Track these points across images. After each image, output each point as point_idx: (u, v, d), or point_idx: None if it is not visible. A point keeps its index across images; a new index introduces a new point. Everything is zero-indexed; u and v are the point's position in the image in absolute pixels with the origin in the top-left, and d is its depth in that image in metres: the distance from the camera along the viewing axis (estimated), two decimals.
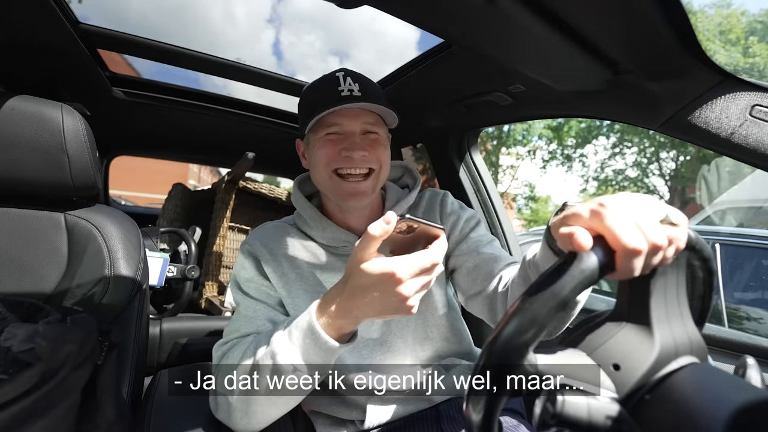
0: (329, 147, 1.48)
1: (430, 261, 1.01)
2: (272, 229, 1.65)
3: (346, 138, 1.48)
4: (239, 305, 1.51)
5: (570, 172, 39.05)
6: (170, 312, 3.09)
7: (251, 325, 1.44)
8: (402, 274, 0.99)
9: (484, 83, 2.00)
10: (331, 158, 1.47)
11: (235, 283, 1.56)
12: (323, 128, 1.48)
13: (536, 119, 2.30)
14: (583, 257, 0.70)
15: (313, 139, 1.52)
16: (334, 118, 1.47)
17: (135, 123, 3.23)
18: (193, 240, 3.34)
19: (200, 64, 2.44)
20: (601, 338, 0.76)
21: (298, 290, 1.53)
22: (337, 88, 1.46)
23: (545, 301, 0.67)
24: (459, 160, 2.75)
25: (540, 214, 36.25)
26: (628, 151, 31.23)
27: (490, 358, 0.67)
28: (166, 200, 3.96)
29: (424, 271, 1.01)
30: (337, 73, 1.50)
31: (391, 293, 1.00)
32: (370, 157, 1.49)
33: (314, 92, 1.53)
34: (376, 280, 1.00)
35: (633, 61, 1.39)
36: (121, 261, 1.64)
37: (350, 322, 1.11)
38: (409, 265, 1.00)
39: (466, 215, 1.72)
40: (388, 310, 1.04)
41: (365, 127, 1.51)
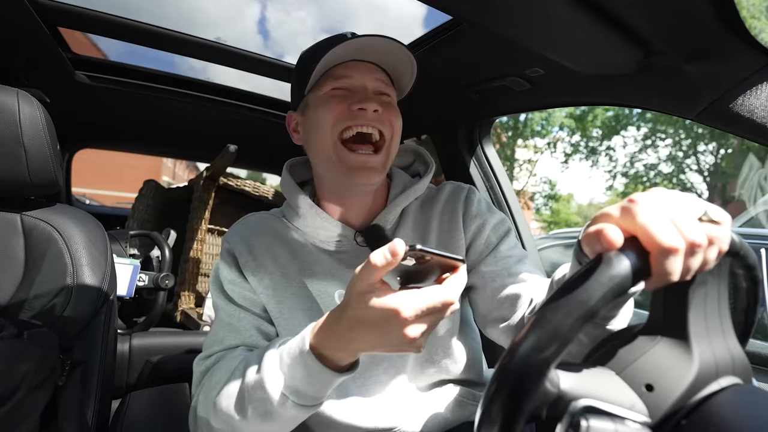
0: (336, 102, 1.40)
1: (441, 300, 0.94)
2: (255, 223, 1.58)
3: (355, 93, 1.42)
4: (221, 310, 1.48)
5: (595, 168, 38.96)
6: (141, 326, 3.09)
7: (237, 335, 1.42)
8: (407, 313, 0.92)
9: (497, 66, 2.00)
10: (340, 115, 1.39)
11: (218, 284, 1.51)
12: (328, 82, 1.42)
13: (557, 107, 2.30)
14: (613, 260, 0.69)
15: (315, 98, 1.44)
16: (342, 70, 1.41)
17: (101, 111, 3.23)
18: (167, 244, 3.34)
19: (175, 44, 2.43)
20: (632, 355, 0.76)
21: (284, 294, 1.47)
22: (343, 39, 1.37)
23: (569, 312, 0.65)
24: (469, 153, 2.75)
25: (561, 215, 36.25)
26: (661, 143, 31.31)
27: (505, 377, 0.66)
28: (136, 199, 3.97)
29: (434, 311, 0.94)
30: (346, 33, 1.44)
31: (395, 333, 0.94)
32: (383, 117, 1.42)
33: (315, 50, 1.48)
34: (378, 316, 0.94)
35: (666, 41, 1.39)
36: (85, 268, 1.64)
37: (347, 356, 1.07)
38: (416, 303, 0.93)
39: (495, 220, 1.61)
40: (390, 348, 0.99)
41: (378, 85, 1.45)
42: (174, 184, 4.37)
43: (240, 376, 1.23)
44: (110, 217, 4.42)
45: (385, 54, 1.42)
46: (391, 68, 1.48)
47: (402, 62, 1.45)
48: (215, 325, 1.48)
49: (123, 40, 2.35)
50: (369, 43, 1.38)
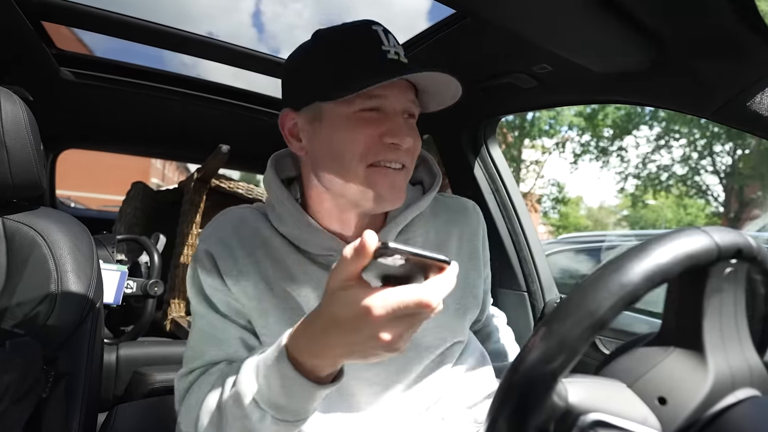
0: (365, 129, 1.27)
1: (416, 301, 0.86)
2: (234, 222, 1.46)
3: (386, 118, 1.29)
4: (201, 318, 1.40)
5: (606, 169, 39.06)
6: (129, 335, 3.08)
7: (220, 349, 1.36)
8: (378, 312, 0.86)
9: (503, 63, 2.00)
10: (370, 146, 1.27)
11: (198, 289, 1.40)
12: (359, 99, 1.25)
13: (566, 106, 2.30)
14: (623, 265, 0.69)
15: (337, 113, 1.29)
16: (376, 87, 1.22)
17: (87, 110, 3.23)
18: (156, 249, 3.34)
19: (165, 39, 2.44)
20: (644, 366, 0.76)
21: (269, 307, 1.37)
22: (380, 47, 1.27)
23: (577, 322, 0.66)
24: (474, 154, 2.75)
25: (570, 218, 36.32)
26: (675, 143, 31.31)
27: (510, 390, 0.67)
28: (123, 202, 3.97)
29: (409, 312, 0.87)
30: (373, 26, 1.31)
31: (368, 335, 0.89)
32: (412, 150, 1.33)
33: (343, 46, 1.30)
34: (350, 314, 0.89)
35: (681, 37, 1.40)
36: (70, 275, 1.63)
37: (327, 364, 1.01)
38: (389, 301, 0.86)
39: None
40: (366, 354, 0.94)
41: (410, 106, 1.33)
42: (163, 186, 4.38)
43: (218, 392, 1.20)
44: (96, 220, 4.42)
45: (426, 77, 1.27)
46: (423, 86, 1.35)
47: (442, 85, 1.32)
48: (195, 334, 1.40)
49: (110, 35, 2.35)
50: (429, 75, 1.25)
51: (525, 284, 2.65)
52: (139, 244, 3.39)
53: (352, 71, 1.23)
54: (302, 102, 1.35)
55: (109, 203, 18.38)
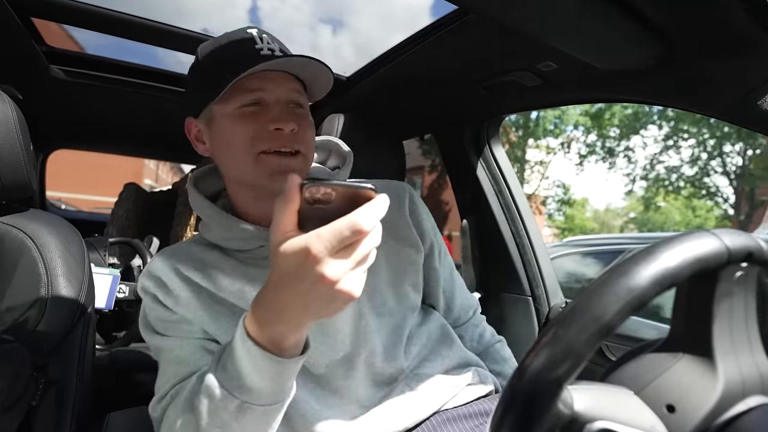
0: (249, 122, 1.38)
1: (349, 227, 0.87)
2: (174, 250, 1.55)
3: (268, 109, 1.40)
4: (162, 351, 1.42)
5: (613, 170, 39.02)
6: (121, 341, 3.08)
7: (186, 364, 1.36)
8: (316, 248, 0.87)
9: (507, 60, 2.00)
10: (257, 135, 1.38)
11: (149, 328, 1.46)
12: (239, 95, 1.38)
13: (571, 104, 2.30)
14: (631, 269, 0.69)
15: (223, 113, 1.41)
16: (253, 82, 1.37)
17: (78, 109, 3.23)
18: (149, 252, 3.34)
19: (158, 36, 2.44)
20: (651, 373, 0.76)
21: (221, 311, 1.43)
22: (253, 46, 1.39)
23: (583, 327, 0.66)
24: (476, 154, 2.75)
25: (576, 220, 36.33)
26: (683, 143, 31.30)
27: (513, 398, 0.66)
28: (116, 204, 3.97)
29: (348, 242, 0.88)
30: (248, 29, 1.44)
31: (314, 278, 0.88)
32: (299, 136, 1.41)
33: (220, 51, 1.45)
34: (294, 264, 0.90)
35: (689, 34, 1.40)
36: (60, 279, 1.63)
37: (287, 329, 1.00)
38: (324, 236, 0.87)
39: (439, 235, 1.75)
40: (321, 302, 0.92)
41: (292, 95, 1.44)
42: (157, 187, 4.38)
43: (191, 396, 1.20)
44: (88, 223, 4.41)
45: (301, 65, 1.41)
46: (305, 77, 1.47)
47: (319, 74, 1.44)
48: (161, 366, 1.42)
49: (102, 31, 2.35)
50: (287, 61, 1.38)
51: (529, 288, 2.65)
52: (131, 247, 3.38)
53: (227, 70, 1.31)
54: (196, 108, 1.50)
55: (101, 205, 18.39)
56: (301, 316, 0.97)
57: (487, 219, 2.70)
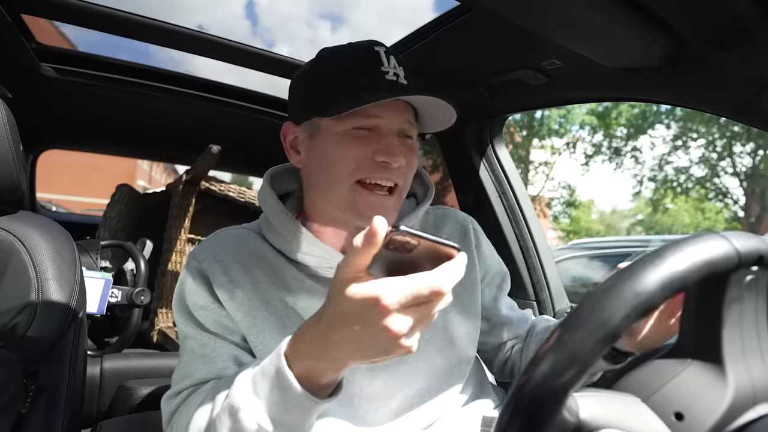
0: (358, 146, 1.37)
1: (429, 287, 0.87)
2: (229, 240, 1.53)
3: (381, 137, 1.38)
4: (190, 340, 1.42)
5: (620, 170, 39.01)
6: (113, 347, 3.08)
7: (210, 367, 1.36)
8: (389, 300, 0.87)
9: (510, 58, 2.00)
10: (361, 163, 1.36)
11: (184, 310, 1.46)
12: (353, 117, 1.35)
13: (577, 103, 2.30)
14: (638, 273, 0.69)
15: (332, 129, 1.39)
16: (372, 107, 1.33)
17: (69, 108, 3.23)
18: (142, 256, 3.34)
19: (152, 33, 2.44)
20: (659, 380, 0.76)
21: (265, 323, 1.42)
22: (379, 68, 1.37)
23: (589, 333, 0.65)
24: (479, 154, 2.75)
25: (581, 223, 36.29)
26: (692, 143, 31.26)
27: (518, 405, 0.66)
28: (108, 206, 3.96)
29: (421, 300, 0.88)
30: (376, 47, 1.41)
31: (377, 327, 0.89)
32: (405, 170, 1.42)
33: (343, 65, 1.41)
34: (358, 307, 0.89)
35: (699, 30, 1.39)
36: (51, 283, 1.63)
37: (329, 367, 1.01)
38: (400, 289, 0.87)
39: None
40: (374, 351, 0.94)
41: (406, 127, 1.43)
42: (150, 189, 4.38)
43: (209, 408, 1.20)
44: (79, 225, 4.41)
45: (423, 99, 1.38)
46: (422, 108, 1.46)
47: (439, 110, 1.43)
48: (184, 356, 1.42)
49: (94, 28, 2.35)
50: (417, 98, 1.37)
51: (533, 293, 2.65)
52: (124, 251, 3.38)
53: (350, 90, 1.33)
54: (302, 116, 1.47)
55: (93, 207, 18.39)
56: (349, 359, 0.98)
57: (490, 222, 2.69)
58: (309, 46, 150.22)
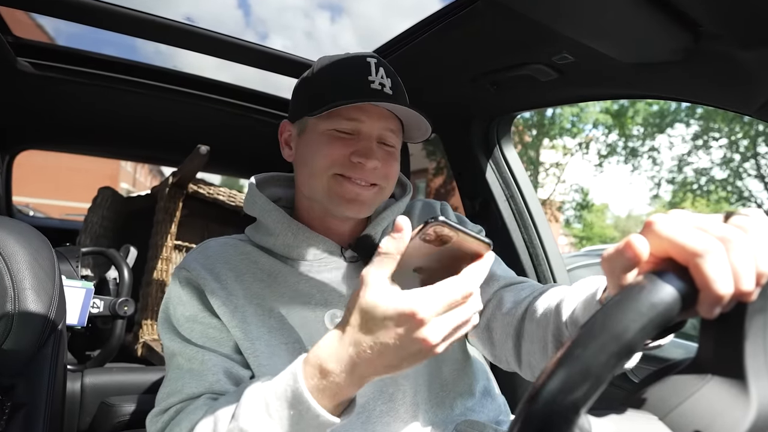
0: (338, 146, 1.51)
1: (462, 292, 0.93)
2: (217, 249, 1.60)
3: (360, 140, 1.53)
4: (178, 356, 1.46)
5: (637, 172, 39.01)
6: (95, 361, 3.07)
7: (200, 381, 1.38)
8: (426, 312, 0.91)
9: (519, 52, 2.01)
10: (336, 161, 1.51)
11: (169, 326, 1.51)
12: (336, 119, 1.51)
13: (590, 101, 2.30)
14: (654, 283, 0.68)
15: (316, 129, 1.55)
16: (354, 111, 1.51)
17: (48, 105, 3.23)
18: (125, 264, 3.33)
19: (137, 26, 2.44)
20: (678, 396, 0.76)
21: (260, 330, 1.46)
22: (366, 77, 1.52)
23: (602, 347, 0.64)
24: (485, 155, 2.75)
25: (595, 228, 36.24)
26: (714, 143, 31.22)
27: (526, 424, 0.66)
28: (89, 210, 3.96)
29: (455, 306, 0.94)
30: (368, 58, 1.56)
31: (413, 340, 0.93)
32: (381, 172, 1.54)
33: (334, 71, 1.58)
34: (392, 322, 0.93)
35: (721, 23, 1.39)
36: (28, 292, 1.62)
37: (353, 384, 1.03)
38: (436, 299, 0.92)
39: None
40: (406, 360, 0.97)
41: (386, 134, 1.56)
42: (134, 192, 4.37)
43: (209, 427, 1.20)
44: (58, 231, 4.41)
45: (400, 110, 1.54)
46: (404, 118, 1.59)
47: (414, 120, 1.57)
48: (171, 374, 1.44)
49: (74, 20, 2.34)
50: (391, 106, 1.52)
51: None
52: (106, 258, 3.37)
53: (334, 93, 1.50)
54: (296, 115, 1.64)
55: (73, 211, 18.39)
56: (378, 373, 1.01)
57: (498, 227, 2.70)
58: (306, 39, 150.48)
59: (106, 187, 4.05)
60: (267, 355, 1.42)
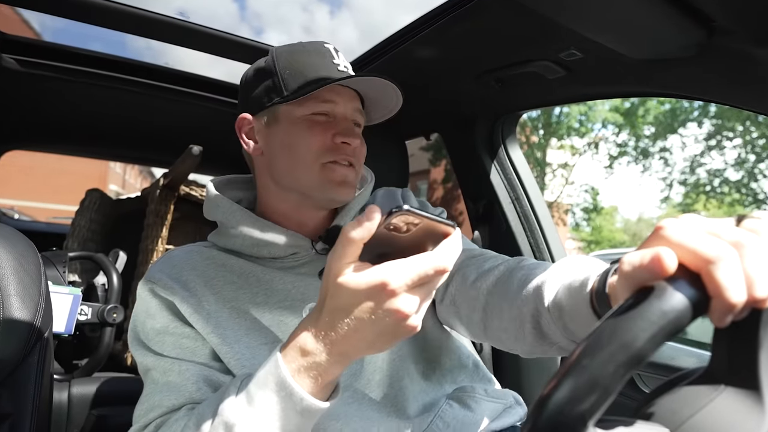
0: (319, 131, 1.57)
1: (433, 265, 0.97)
2: (182, 257, 1.64)
3: (337, 122, 1.60)
4: (152, 371, 1.47)
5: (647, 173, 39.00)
6: (83, 370, 3.07)
7: (180, 393, 1.38)
8: (396, 283, 0.95)
9: (525, 48, 2.01)
10: (323, 145, 1.56)
11: (139, 342, 1.53)
12: (312, 102, 1.57)
13: (599, 99, 2.30)
14: (664, 290, 0.68)
15: (291, 116, 1.60)
16: (327, 93, 1.58)
17: (33, 104, 3.23)
18: (115, 269, 3.32)
19: (126, 21, 2.44)
20: (689, 408, 0.76)
21: (237, 332, 1.49)
22: (332, 61, 1.63)
23: (611, 357, 0.64)
24: (489, 156, 2.75)
25: (604, 232, 36.21)
26: (728, 143, 31.20)
27: None
28: (77, 213, 3.95)
29: (427, 280, 0.98)
30: (326, 44, 1.68)
31: (385, 312, 0.97)
32: (357, 151, 1.63)
33: (299, 58, 1.63)
34: (363, 296, 0.97)
35: (734, 18, 1.40)
36: (13, 299, 1.62)
37: (335, 363, 1.06)
38: (406, 271, 0.96)
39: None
40: (384, 336, 1.01)
41: (356, 115, 1.66)
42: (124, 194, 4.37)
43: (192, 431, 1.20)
44: (45, 235, 4.41)
45: (372, 87, 1.64)
46: (369, 98, 1.71)
47: (386, 98, 1.67)
48: (147, 389, 1.46)
49: (61, 15, 2.34)
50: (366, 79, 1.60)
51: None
52: (95, 263, 3.36)
53: (308, 76, 1.57)
54: (259, 106, 1.67)
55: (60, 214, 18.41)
56: (357, 350, 1.05)
57: (502, 231, 2.70)
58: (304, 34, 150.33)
59: (94, 189, 4.05)
60: (249, 357, 1.44)
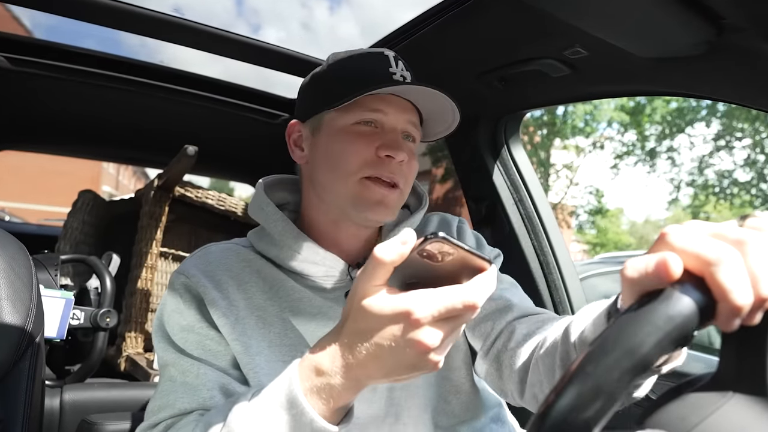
0: (362, 142, 1.50)
1: (462, 300, 0.92)
2: (219, 255, 1.60)
3: (384, 133, 1.53)
4: (170, 367, 1.45)
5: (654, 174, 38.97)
6: (75, 376, 3.06)
7: (193, 396, 1.37)
8: (421, 313, 0.91)
9: (528, 46, 2.01)
10: (366, 159, 1.50)
11: (164, 334, 1.50)
12: (358, 110, 1.51)
13: (604, 98, 2.30)
14: (670, 295, 0.68)
15: (334, 124, 1.55)
16: (375, 102, 1.51)
17: (25, 103, 3.23)
18: (108, 272, 3.32)
19: (120, 18, 2.43)
20: (697, 415, 0.75)
21: (261, 344, 1.47)
22: (387, 68, 1.55)
23: (616, 362, 0.64)
24: (492, 157, 2.75)
25: (609, 234, 36.19)
26: (737, 144, 31.17)
27: None
28: (69, 215, 3.95)
29: (454, 314, 0.93)
30: (385, 52, 1.60)
31: (407, 342, 0.93)
32: (404, 168, 1.54)
33: (352, 64, 1.59)
34: (386, 322, 0.94)
35: (744, 16, 1.39)
36: (3, 303, 1.62)
37: (349, 388, 1.03)
38: (433, 302, 0.92)
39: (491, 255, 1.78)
40: (402, 367, 0.97)
41: (408, 127, 1.57)
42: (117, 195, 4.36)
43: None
44: (36, 237, 4.41)
45: (428, 99, 1.54)
46: (427, 112, 1.62)
47: (443, 113, 1.59)
48: (162, 386, 1.45)
49: (52, 12, 2.34)
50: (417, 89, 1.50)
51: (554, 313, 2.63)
52: (87, 266, 3.36)
53: (356, 83, 1.46)
54: (308, 113, 1.63)
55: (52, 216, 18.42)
56: (373, 377, 1.02)
57: (505, 233, 2.70)
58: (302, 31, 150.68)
59: (87, 190, 4.04)
60: (266, 372, 1.42)
